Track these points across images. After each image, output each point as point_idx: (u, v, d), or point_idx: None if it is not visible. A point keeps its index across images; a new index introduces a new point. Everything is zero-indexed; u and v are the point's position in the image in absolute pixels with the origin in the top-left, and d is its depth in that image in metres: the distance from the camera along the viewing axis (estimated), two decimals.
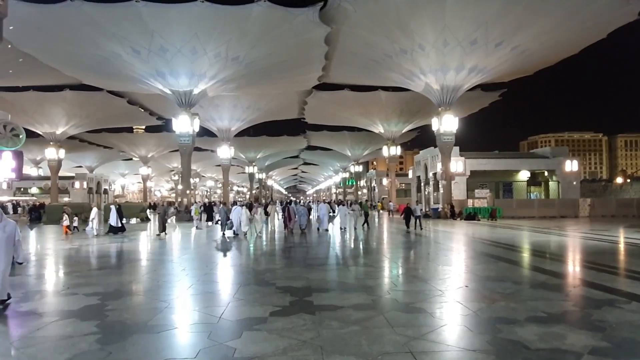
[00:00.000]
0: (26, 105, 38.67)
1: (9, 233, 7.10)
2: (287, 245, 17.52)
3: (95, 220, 21.27)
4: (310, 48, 28.14)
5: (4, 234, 7.03)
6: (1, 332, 5.96)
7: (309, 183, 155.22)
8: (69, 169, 67.40)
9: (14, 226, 7.25)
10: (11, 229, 7.15)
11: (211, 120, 44.46)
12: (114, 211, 22.06)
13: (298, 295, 7.98)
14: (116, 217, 21.81)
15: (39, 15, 23.37)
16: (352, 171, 74.49)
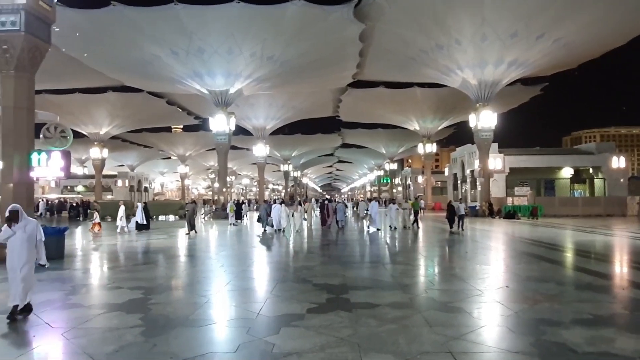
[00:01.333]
0: (72, 107, 40.33)
1: (30, 233, 6.56)
2: (324, 242, 17.61)
3: (123, 217, 21.70)
4: (344, 45, 28.05)
5: (25, 233, 6.50)
6: (53, 323, 6.26)
7: (343, 181, 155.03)
8: (112, 167, 69.89)
9: (36, 225, 6.75)
10: (32, 228, 6.63)
11: (247, 119, 45.08)
12: (140, 209, 22.60)
13: (334, 292, 8.00)
14: (142, 214, 22.34)
15: (84, 20, 24.31)
16: (387, 169, 73.87)
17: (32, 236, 6.58)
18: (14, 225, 6.44)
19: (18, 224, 6.48)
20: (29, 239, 6.53)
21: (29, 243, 6.53)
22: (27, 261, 6.49)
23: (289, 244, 17.16)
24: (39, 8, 12.40)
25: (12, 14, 11.90)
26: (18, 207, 6.60)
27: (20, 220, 6.51)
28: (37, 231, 6.70)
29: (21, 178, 12.44)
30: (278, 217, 20.62)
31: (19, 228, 6.47)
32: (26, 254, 6.49)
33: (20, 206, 6.71)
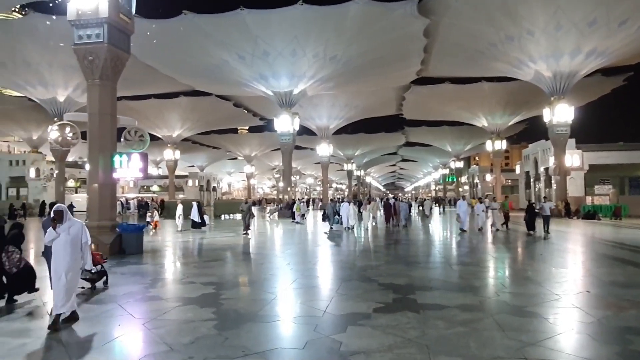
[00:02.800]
0: (148, 111, 42.96)
1: (74, 235, 6.14)
2: (389, 241, 17.45)
3: (181, 216, 22.26)
4: (408, 42, 27.59)
5: (69, 235, 6.08)
6: (135, 313, 6.71)
7: (407, 180, 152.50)
8: (183, 168, 73.57)
9: (81, 227, 6.29)
10: (77, 230, 6.21)
11: (310, 119, 45.64)
12: (195, 208, 23.40)
13: (401, 292, 7.90)
14: (197, 213, 23.13)
15: (158, 30, 25.79)
16: (453, 167, 71.71)
17: (77, 238, 6.16)
18: (58, 226, 6.07)
19: (62, 226, 6.10)
20: (73, 242, 6.11)
21: (73, 246, 6.11)
22: (71, 266, 6.07)
23: (354, 242, 17.18)
24: (120, 20, 13.32)
25: (96, 27, 12.89)
26: (62, 206, 6.23)
27: (64, 221, 6.11)
28: (83, 233, 6.25)
29: (106, 179, 13.43)
30: (347, 215, 21.22)
31: (63, 230, 6.09)
32: (69, 258, 6.06)
33: (64, 206, 6.30)
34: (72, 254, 6.08)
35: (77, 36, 13.10)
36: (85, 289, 8.32)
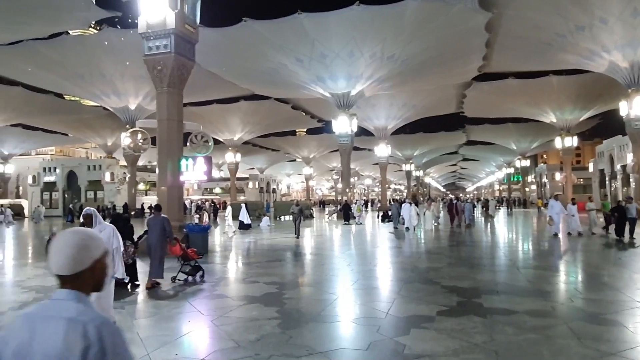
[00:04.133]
0: (211, 116, 44.67)
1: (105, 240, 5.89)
2: (452, 242, 17.03)
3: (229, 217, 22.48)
4: (469, 38, 26.71)
5: None
6: (204, 311, 7.01)
7: (468, 180, 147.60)
8: (244, 170, 75.75)
9: (111, 232, 5.95)
10: (108, 235, 5.88)
11: (368, 119, 45.40)
12: (244, 209, 23.83)
13: (465, 296, 7.67)
14: (246, 214, 23.51)
15: (219, 37, 26.77)
16: (518, 166, 68.50)
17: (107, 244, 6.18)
18: None
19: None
20: None
21: None
22: None
23: (415, 243, 16.91)
24: (185, 31, 13.98)
25: (164, 38, 13.61)
26: (91, 210, 5.91)
27: (94, 225, 5.77)
28: (113, 238, 5.89)
29: (173, 182, 14.13)
30: (409, 216, 21.36)
31: None
32: None
33: (94, 210, 5.96)
34: None
35: (147, 47, 13.89)
36: (181, 281, 9.17)
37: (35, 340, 1.44)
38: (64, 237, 1.56)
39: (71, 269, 1.52)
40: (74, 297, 1.51)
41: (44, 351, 1.41)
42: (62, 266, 1.52)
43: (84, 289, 1.55)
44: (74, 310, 1.47)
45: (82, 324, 1.42)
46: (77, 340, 1.40)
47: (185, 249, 9.61)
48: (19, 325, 1.49)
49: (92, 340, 1.40)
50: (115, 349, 1.44)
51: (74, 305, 1.49)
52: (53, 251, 1.54)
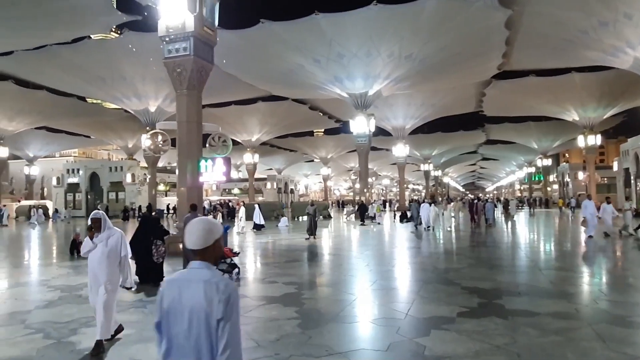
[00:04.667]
0: (229, 117, 45.04)
1: (112, 246, 5.36)
2: (472, 243, 16.84)
3: (243, 218, 22.75)
4: (488, 35, 26.35)
5: (106, 247, 5.31)
6: None
7: (488, 179, 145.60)
8: (262, 171, 76.16)
9: (119, 238, 5.47)
10: (115, 241, 5.41)
11: (386, 119, 45.18)
12: (257, 210, 23.96)
13: (486, 297, 7.58)
14: (260, 215, 23.59)
15: (237, 39, 26.97)
16: (539, 165, 67.32)
17: (114, 251, 5.37)
18: (96, 236, 5.35)
19: (100, 235, 5.36)
20: (110, 255, 5.33)
21: (110, 259, 5.32)
22: (109, 283, 5.27)
23: (434, 243, 16.77)
24: (204, 33, 14.12)
25: (183, 41, 13.78)
26: (101, 214, 5.48)
27: (103, 229, 5.36)
28: (121, 245, 5.46)
29: (193, 183, 14.29)
30: (427, 216, 21.38)
31: (101, 240, 5.33)
32: (106, 273, 5.27)
33: (103, 213, 5.53)
34: (108, 268, 5.28)
35: (167, 50, 14.08)
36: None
37: (183, 296, 2.15)
38: (195, 224, 2.26)
39: (200, 245, 2.21)
40: (205, 266, 2.21)
41: (191, 302, 2.12)
42: (194, 243, 2.22)
43: (210, 260, 2.24)
44: (207, 274, 2.17)
45: (215, 283, 2.13)
46: (214, 293, 2.10)
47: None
48: (170, 286, 2.21)
49: (222, 293, 2.10)
50: (235, 299, 2.15)
51: (206, 271, 2.19)
52: (188, 233, 2.24)
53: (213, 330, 2.09)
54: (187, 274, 2.22)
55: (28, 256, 15.80)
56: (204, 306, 2.10)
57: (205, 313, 2.09)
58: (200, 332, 2.10)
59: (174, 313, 2.15)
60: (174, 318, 2.16)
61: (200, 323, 2.10)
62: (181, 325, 2.13)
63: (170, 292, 2.19)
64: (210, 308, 2.09)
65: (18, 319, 6.64)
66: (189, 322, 2.12)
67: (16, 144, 50.03)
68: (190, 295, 2.13)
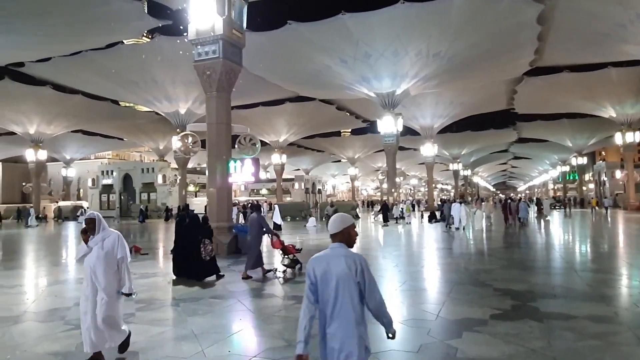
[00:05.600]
0: (257, 119, 45.48)
1: (108, 249, 4.87)
2: (505, 243, 16.50)
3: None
4: (519, 31, 25.75)
5: (102, 250, 4.84)
6: (254, 310, 7.15)
7: (520, 179, 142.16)
8: (290, 171, 76.59)
9: (116, 239, 4.93)
10: (111, 243, 4.89)
11: (414, 118, 44.74)
12: (277, 210, 23.99)
13: (520, 299, 7.40)
14: (279, 215, 23.59)
15: (265, 41, 27.22)
16: (574, 164, 65.29)
17: (110, 254, 4.87)
18: (91, 238, 4.89)
19: (95, 238, 4.87)
20: (106, 258, 4.83)
21: (107, 263, 4.82)
22: (105, 289, 4.79)
23: (465, 243, 16.50)
24: (233, 36, 14.33)
25: (213, 44, 14.03)
26: (95, 214, 4.97)
27: (97, 231, 4.87)
28: (118, 247, 4.91)
29: (222, 183, 14.51)
30: (458, 216, 21.28)
31: (96, 243, 4.86)
32: (102, 279, 4.78)
33: (98, 214, 5.00)
34: (106, 272, 4.81)
35: (197, 53, 14.36)
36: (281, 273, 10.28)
37: (330, 266, 2.96)
38: (335, 217, 3.18)
39: (336, 229, 3.09)
40: (341, 246, 3.06)
41: (337, 271, 2.93)
42: (332, 228, 3.10)
43: (343, 241, 3.08)
44: (344, 251, 3.03)
45: (352, 257, 2.98)
46: (351, 264, 2.94)
47: (284, 244, 10.76)
48: (318, 261, 3.03)
49: (357, 264, 2.94)
50: (366, 266, 2.99)
51: (342, 249, 3.04)
52: (331, 222, 3.13)
53: (353, 289, 2.92)
54: (330, 252, 3.05)
55: (65, 255, 16.36)
56: (346, 272, 2.92)
57: (347, 277, 2.92)
58: (345, 291, 2.91)
59: (324, 279, 2.95)
60: (325, 282, 2.95)
61: (345, 285, 2.92)
62: (330, 287, 2.93)
63: (320, 264, 3.01)
64: (351, 274, 2.92)
65: (58, 315, 6.89)
66: (336, 284, 2.92)
67: (54, 147, 51.97)
68: (335, 266, 2.94)
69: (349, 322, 2.91)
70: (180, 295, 8.33)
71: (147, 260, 13.26)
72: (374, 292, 2.98)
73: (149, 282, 9.68)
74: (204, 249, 9.67)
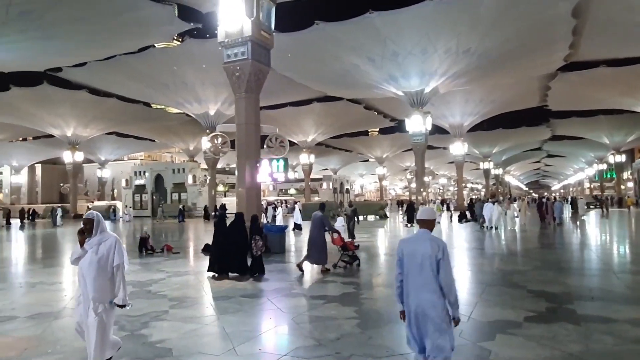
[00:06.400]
0: (285, 119, 45.77)
1: (103, 254, 4.34)
2: (539, 244, 16.08)
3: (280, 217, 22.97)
4: (553, 26, 25.00)
5: (96, 255, 4.33)
6: (284, 308, 7.20)
7: (554, 177, 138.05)
8: (317, 171, 76.76)
9: (113, 244, 4.41)
10: (108, 247, 4.38)
11: (442, 117, 44.09)
12: (297, 211, 23.93)
13: (555, 301, 7.19)
14: (299, 215, 23.51)
15: (292, 42, 27.34)
16: (612, 162, 62.96)
17: (104, 260, 4.34)
18: (87, 240, 4.39)
19: (91, 240, 4.37)
20: (99, 264, 4.31)
21: (100, 270, 4.31)
22: (98, 298, 4.27)
23: (498, 244, 16.15)
24: (261, 37, 14.46)
25: (242, 45, 14.19)
26: (94, 214, 4.45)
27: (95, 233, 4.39)
28: (115, 252, 4.39)
29: (251, 183, 14.66)
30: (490, 215, 21.15)
31: (91, 246, 4.36)
32: (94, 287, 4.26)
33: (98, 214, 4.48)
34: (95, 281, 4.26)
35: (226, 55, 14.56)
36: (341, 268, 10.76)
37: (417, 247, 3.72)
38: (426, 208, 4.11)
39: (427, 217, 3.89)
40: (427, 232, 3.82)
41: (422, 250, 3.66)
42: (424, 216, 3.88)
43: (428, 228, 3.85)
44: (429, 236, 3.76)
45: (436, 241, 3.70)
46: (435, 245, 3.65)
47: (344, 240, 11.27)
48: (407, 242, 3.86)
49: (440, 245, 3.66)
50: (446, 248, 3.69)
51: (428, 234, 3.79)
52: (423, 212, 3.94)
53: (435, 265, 3.62)
54: (416, 236, 3.84)
55: None
56: (429, 252, 3.64)
57: (430, 255, 3.63)
58: (427, 266, 3.63)
59: (410, 256, 3.73)
60: (411, 258, 3.72)
61: (427, 261, 3.63)
62: (415, 263, 3.68)
63: (407, 245, 3.82)
64: (434, 253, 3.63)
65: None
66: (421, 260, 3.65)
67: (90, 149, 53.70)
68: (421, 246, 3.70)
69: (430, 290, 3.62)
70: (212, 294, 8.46)
71: (179, 259, 13.51)
72: (447, 271, 3.63)
73: (181, 280, 9.88)
74: (255, 245, 10.13)
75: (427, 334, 3.59)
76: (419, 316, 3.61)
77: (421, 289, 3.61)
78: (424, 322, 3.59)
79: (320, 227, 10.82)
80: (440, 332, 3.55)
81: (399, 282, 3.80)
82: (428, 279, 3.60)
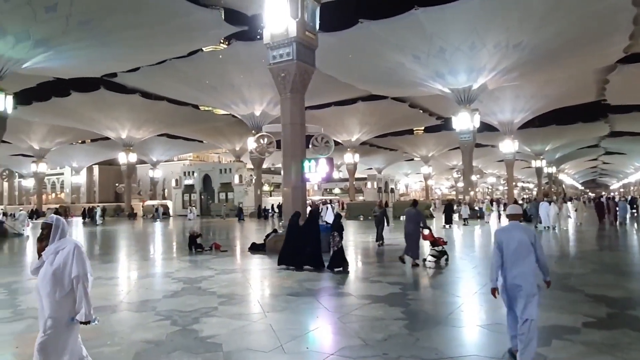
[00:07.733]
0: (329, 118, 45.86)
1: (59, 265, 3.62)
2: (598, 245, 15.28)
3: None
4: (612, 15, 23.63)
5: (51, 267, 3.62)
6: (330, 308, 7.22)
7: (612, 176, 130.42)
8: (362, 171, 76.33)
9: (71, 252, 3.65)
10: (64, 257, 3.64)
11: (491, 114, 42.73)
12: (329, 210, 23.66)
13: (616, 307, 6.81)
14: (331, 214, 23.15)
15: (336, 41, 27.34)
16: None
17: (60, 272, 3.62)
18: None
19: (47, 248, 3.70)
20: (56, 275, 3.60)
21: (53, 284, 3.59)
22: (52, 315, 3.57)
23: (554, 245, 15.48)
24: (306, 38, 14.55)
25: (287, 46, 14.34)
26: (53, 219, 3.78)
27: (53, 239, 3.71)
28: (73, 261, 3.64)
29: (297, 182, 14.79)
30: (546, 215, 20.87)
31: (47, 255, 3.69)
32: (48, 301, 3.58)
33: (58, 218, 3.80)
34: (49, 296, 3.58)
35: (272, 56, 14.75)
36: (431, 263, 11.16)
37: (513, 234, 4.67)
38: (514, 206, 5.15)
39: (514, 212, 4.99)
40: (517, 223, 4.85)
41: (517, 236, 4.62)
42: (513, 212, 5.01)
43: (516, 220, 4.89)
44: (520, 226, 4.81)
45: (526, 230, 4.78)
46: (529, 233, 4.69)
47: (434, 236, 11.62)
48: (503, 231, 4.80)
49: (532, 234, 4.68)
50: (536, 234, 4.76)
51: (520, 225, 4.83)
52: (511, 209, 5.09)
53: (530, 248, 4.56)
54: (510, 226, 4.81)
55: (153, 251, 17.57)
56: (524, 238, 4.58)
57: (524, 241, 4.57)
58: (523, 249, 4.55)
59: (508, 241, 4.60)
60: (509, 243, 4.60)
61: (522, 245, 4.56)
62: (513, 246, 4.57)
63: (504, 233, 4.72)
64: (528, 238, 4.58)
65: (149, 307, 7.40)
66: (517, 244, 4.56)
67: (142, 150, 56.01)
68: (516, 233, 4.64)
69: (526, 269, 4.51)
70: (259, 292, 8.61)
71: (227, 257, 13.84)
72: (542, 252, 4.64)
73: (230, 278, 10.11)
74: (332, 240, 10.71)
75: (519, 298, 4.46)
76: (514, 286, 4.50)
77: (518, 265, 4.50)
78: (518, 291, 4.47)
79: (416, 222, 11.35)
80: (530, 297, 4.42)
81: (499, 263, 4.59)
82: (523, 257, 4.52)
